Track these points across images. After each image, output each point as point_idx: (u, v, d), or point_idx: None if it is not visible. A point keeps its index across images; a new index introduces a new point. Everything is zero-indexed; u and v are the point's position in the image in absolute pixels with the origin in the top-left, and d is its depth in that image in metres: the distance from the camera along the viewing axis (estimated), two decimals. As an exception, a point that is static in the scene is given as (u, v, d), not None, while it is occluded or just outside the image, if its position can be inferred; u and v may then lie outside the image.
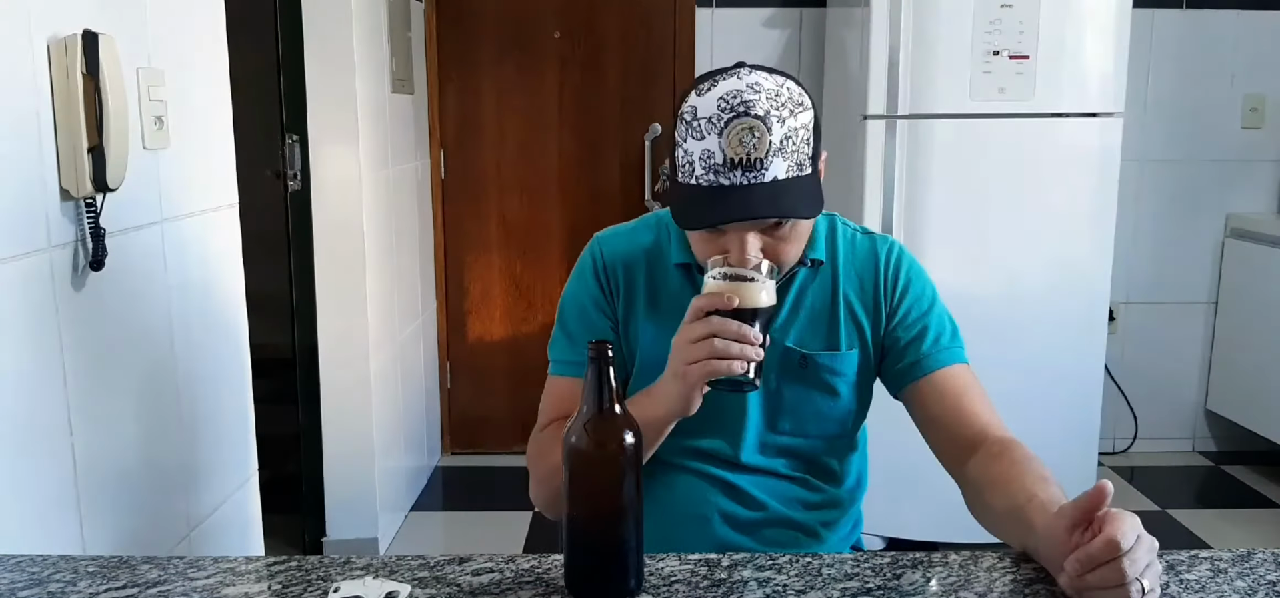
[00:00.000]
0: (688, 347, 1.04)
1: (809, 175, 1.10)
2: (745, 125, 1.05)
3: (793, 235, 1.14)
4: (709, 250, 1.13)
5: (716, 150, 1.06)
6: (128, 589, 0.91)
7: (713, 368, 1.03)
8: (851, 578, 0.93)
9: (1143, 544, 0.85)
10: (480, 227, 3.49)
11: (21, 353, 1.14)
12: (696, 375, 1.04)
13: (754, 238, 1.09)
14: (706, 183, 1.07)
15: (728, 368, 1.02)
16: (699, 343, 1.03)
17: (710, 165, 1.06)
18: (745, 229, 1.09)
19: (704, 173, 1.07)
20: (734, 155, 1.05)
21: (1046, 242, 2.67)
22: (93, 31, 1.21)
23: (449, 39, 3.37)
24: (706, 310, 1.04)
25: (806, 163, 1.09)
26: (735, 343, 1.02)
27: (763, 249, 1.11)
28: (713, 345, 1.02)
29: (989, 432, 1.17)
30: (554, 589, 0.91)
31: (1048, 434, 2.49)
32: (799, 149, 1.08)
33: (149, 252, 1.42)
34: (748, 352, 1.02)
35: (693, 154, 1.08)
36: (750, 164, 1.05)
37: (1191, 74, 3.36)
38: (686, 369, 1.04)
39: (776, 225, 1.11)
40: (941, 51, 2.57)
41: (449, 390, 3.59)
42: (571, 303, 1.29)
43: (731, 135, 1.05)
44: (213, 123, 1.62)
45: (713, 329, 1.02)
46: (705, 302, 1.04)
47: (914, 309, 1.25)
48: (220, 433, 1.64)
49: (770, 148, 1.05)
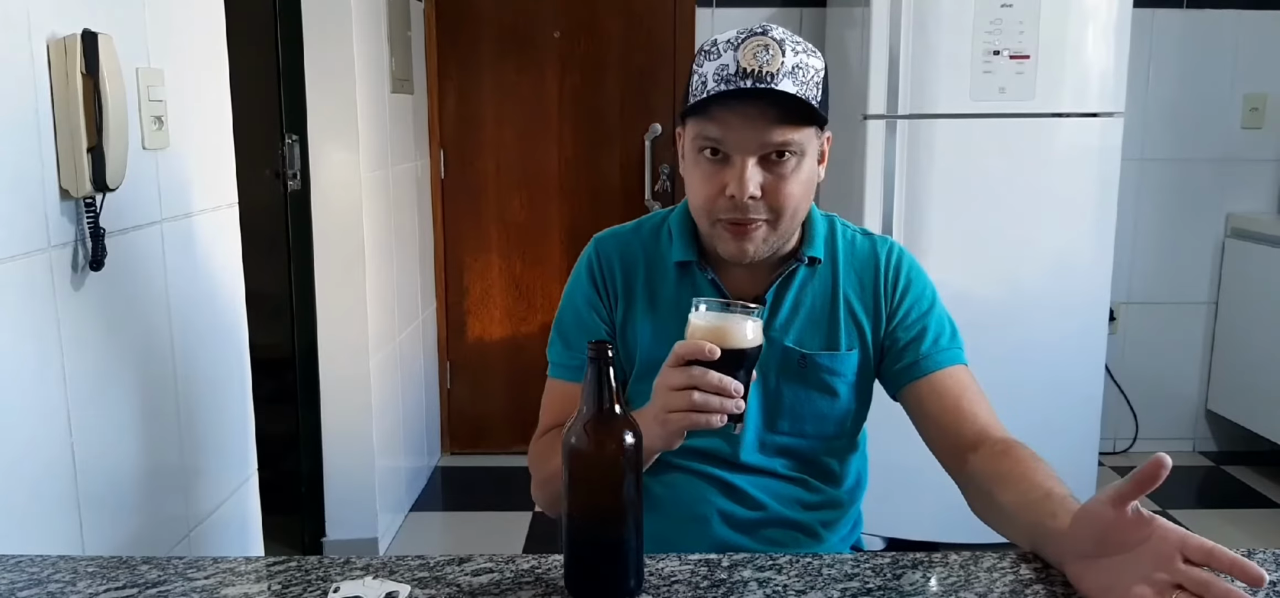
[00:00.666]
0: (668, 394, 1.01)
1: (817, 107, 1.11)
2: (761, 41, 1.09)
3: (794, 177, 1.13)
4: (709, 187, 1.14)
5: (731, 62, 1.09)
6: (127, 590, 0.91)
7: (692, 421, 1.00)
8: (851, 578, 0.93)
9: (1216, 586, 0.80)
10: (480, 227, 3.49)
11: (21, 353, 1.14)
12: (676, 425, 1.01)
13: (755, 171, 1.11)
14: (717, 91, 1.09)
15: (706, 421, 1.00)
16: (679, 392, 1.00)
17: (723, 76, 1.09)
18: (749, 151, 1.10)
19: (716, 83, 1.09)
20: (748, 66, 1.08)
21: (1047, 241, 2.67)
22: (92, 31, 1.21)
23: (449, 39, 3.37)
24: (688, 358, 1.00)
25: (815, 101, 1.11)
26: (715, 396, 0.99)
27: (763, 187, 1.11)
28: (691, 398, 0.99)
29: (989, 432, 1.16)
30: (554, 589, 0.91)
31: (1048, 434, 2.49)
32: (809, 85, 1.10)
33: (149, 252, 1.42)
34: (727, 405, 0.99)
35: (707, 72, 1.11)
36: (762, 75, 1.08)
37: (1192, 74, 3.36)
38: (666, 417, 1.01)
39: (780, 161, 1.12)
40: (942, 51, 2.57)
41: (449, 390, 3.59)
42: (568, 306, 1.29)
43: (747, 49, 1.09)
44: (212, 123, 1.62)
45: (693, 381, 0.99)
46: (687, 349, 1.00)
47: (914, 310, 1.25)
48: (220, 433, 1.64)
49: (783, 67, 1.08)
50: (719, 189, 1.13)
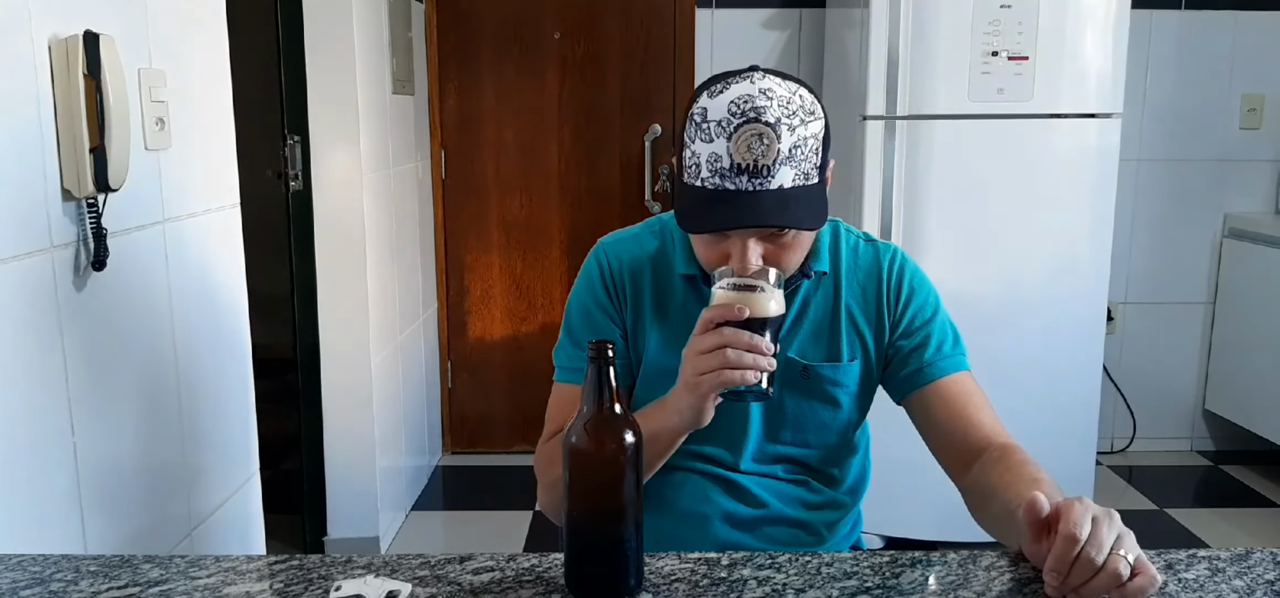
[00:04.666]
0: (699, 358, 1.03)
1: (815, 185, 1.09)
2: (754, 131, 1.04)
3: (795, 244, 1.13)
4: (711, 255, 1.13)
5: (724, 155, 1.05)
6: (129, 589, 0.91)
7: (726, 379, 1.02)
8: (851, 577, 0.93)
9: (1102, 524, 0.85)
10: (480, 227, 3.49)
11: (23, 353, 1.15)
12: (709, 386, 1.03)
13: (756, 245, 1.09)
14: (712, 186, 1.06)
15: (741, 378, 1.02)
16: (711, 354, 1.02)
17: (717, 169, 1.06)
18: (748, 235, 1.09)
19: (710, 176, 1.06)
20: (742, 161, 1.04)
21: (1045, 242, 2.68)
22: (94, 32, 1.21)
23: (449, 39, 3.37)
24: (717, 321, 1.03)
25: (814, 173, 1.08)
26: (748, 353, 1.01)
27: (764, 256, 1.10)
28: (726, 356, 1.01)
29: (992, 439, 1.17)
30: (554, 588, 0.91)
31: (1046, 434, 2.51)
32: (807, 158, 1.07)
33: (151, 252, 1.42)
34: (760, 362, 1.02)
35: (700, 156, 1.07)
36: (757, 171, 1.04)
37: (1190, 74, 3.37)
38: (699, 380, 1.03)
39: (779, 233, 1.11)
40: (940, 52, 2.57)
41: (450, 390, 3.59)
42: (578, 309, 1.28)
43: (740, 140, 1.04)
44: (214, 123, 1.63)
45: (725, 340, 1.01)
46: (715, 313, 1.03)
47: (917, 318, 1.25)
48: (222, 433, 1.64)
49: (779, 156, 1.04)
50: (722, 257, 1.12)
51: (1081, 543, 0.83)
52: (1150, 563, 0.84)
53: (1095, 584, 0.84)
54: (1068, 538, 0.84)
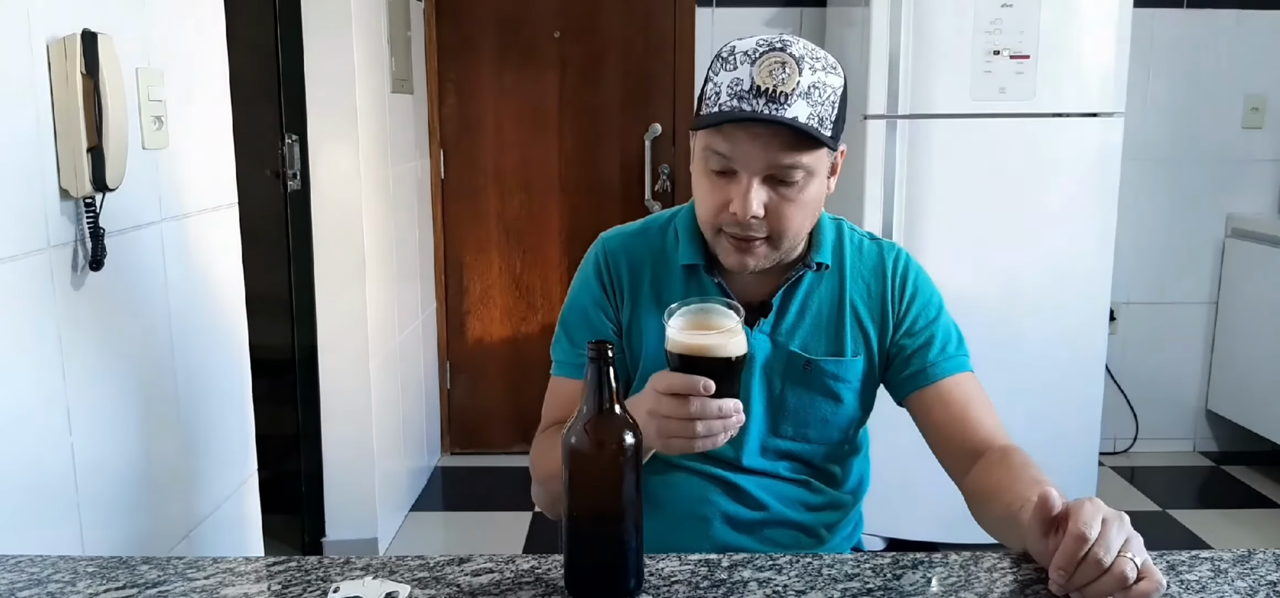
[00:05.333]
0: (667, 422, 0.99)
1: (828, 137, 1.10)
2: (778, 58, 1.08)
3: (799, 199, 1.13)
4: (713, 200, 1.14)
5: (746, 78, 1.08)
6: (127, 590, 0.91)
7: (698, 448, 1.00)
8: (852, 578, 0.93)
9: (1111, 526, 0.85)
10: (480, 227, 3.49)
11: (20, 352, 1.14)
12: (679, 449, 1.01)
13: (759, 189, 1.10)
14: (729, 107, 1.08)
15: (713, 444, 1.00)
16: (683, 422, 0.99)
17: (737, 92, 1.08)
18: (755, 170, 1.09)
19: (729, 98, 1.08)
20: (762, 84, 1.07)
21: (1047, 241, 2.67)
22: (92, 31, 1.20)
23: (449, 39, 3.37)
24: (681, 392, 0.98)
25: (828, 123, 1.10)
26: (717, 420, 0.99)
27: (766, 206, 1.11)
28: (695, 429, 0.98)
29: (993, 440, 1.17)
30: (554, 589, 0.91)
31: (1048, 435, 2.51)
32: (824, 104, 1.09)
33: (148, 252, 1.42)
34: (729, 426, 1.00)
35: (722, 84, 1.10)
36: (775, 96, 1.06)
37: (1192, 74, 3.36)
38: (668, 443, 1.01)
39: (786, 183, 1.11)
40: (942, 51, 2.57)
41: (449, 391, 3.59)
42: (574, 304, 1.29)
43: (763, 65, 1.07)
44: (212, 123, 1.62)
45: (697, 413, 0.98)
46: (681, 385, 0.98)
47: (921, 317, 1.25)
48: (220, 433, 1.64)
49: (797, 87, 1.07)
50: (723, 203, 1.12)
51: (1090, 542, 0.83)
52: (1156, 568, 0.84)
53: (1101, 585, 0.84)
54: (1077, 537, 0.84)
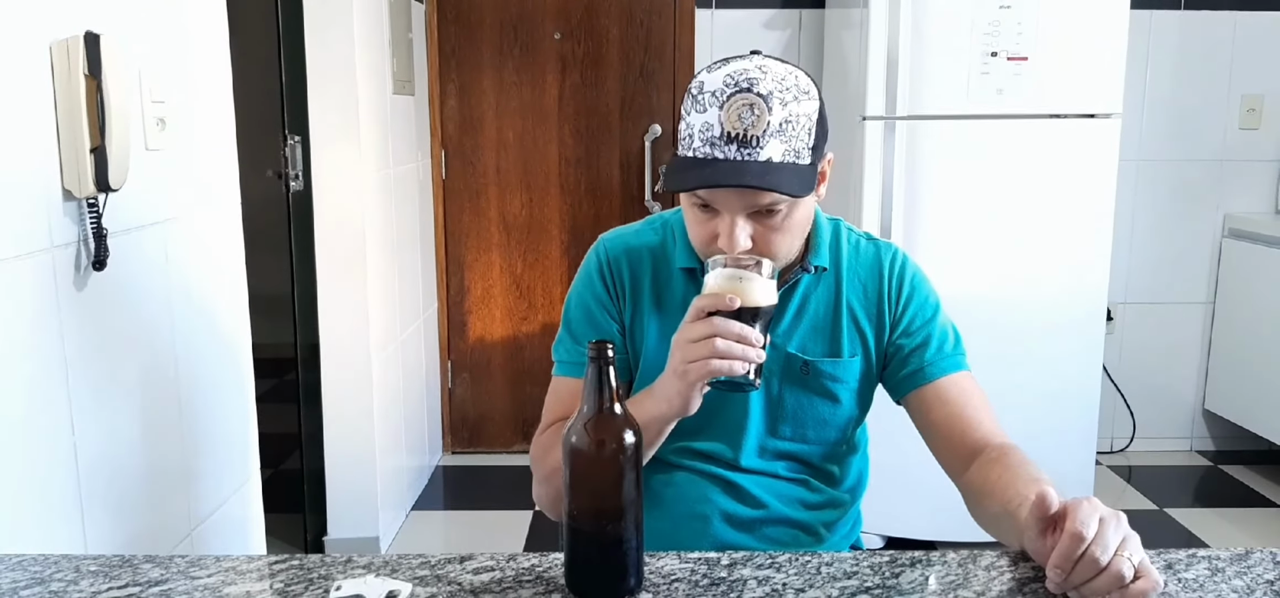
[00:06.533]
0: (688, 346, 1.04)
1: (805, 166, 1.09)
2: (746, 101, 1.06)
3: (785, 227, 1.13)
4: (701, 233, 1.14)
5: (716, 123, 1.07)
6: (129, 588, 0.91)
7: (713, 368, 1.02)
8: (851, 577, 0.93)
9: (1109, 525, 0.85)
10: (481, 226, 3.50)
11: (24, 352, 1.15)
12: (697, 375, 1.04)
13: (745, 224, 1.10)
14: (702, 154, 1.08)
15: (729, 368, 1.02)
16: (700, 343, 1.02)
17: (708, 137, 1.07)
18: (736, 211, 1.09)
19: (701, 144, 1.08)
20: (732, 129, 1.06)
21: (1044, 242, 2.68)
22: (95, 32, 1.21)
23: (449, 39, 3.38)
24: (708, 311, 1.03)
25: (805, 153, 1.09)
26: (737, 344, 1.02)
27: (753, 238, 1.11)
28: (714, 346, 1.02)
29: (990, 439, 1.17)
30: (554, 588, 0.91)
31: (1046, 434, 2.51)
32: (798, 136, 1.08)
33: (151, 252, 1.42)
34: (749, 353, 1.02)
35: (693, 126, 1.09)
36: (746, 140, 1.06)
37: (1189, 74, 3.37)
38: (687, 368, 1.04)
39: (769, 214, 1.11)
40: (940, 52, 2.57)
41: (450, 390, 3.60)
42: (576, 304, 1.29)
43: (731, 109, 1.06)
44: (215, 123, 1.63)
45: (714, 329, 1.02)
46: (707, 302, 1.04)
47: (918, 317, 1.26)
48: (222, 432, 1.65)
49: (768, 128, 1.06)
50: (711, 236, 1.12)
51: (1087, 541, 0.84)
52: (1153, 568, 0.85)
53: (1098, 584, 0.84)
54: (1074, 535, 0.84)
